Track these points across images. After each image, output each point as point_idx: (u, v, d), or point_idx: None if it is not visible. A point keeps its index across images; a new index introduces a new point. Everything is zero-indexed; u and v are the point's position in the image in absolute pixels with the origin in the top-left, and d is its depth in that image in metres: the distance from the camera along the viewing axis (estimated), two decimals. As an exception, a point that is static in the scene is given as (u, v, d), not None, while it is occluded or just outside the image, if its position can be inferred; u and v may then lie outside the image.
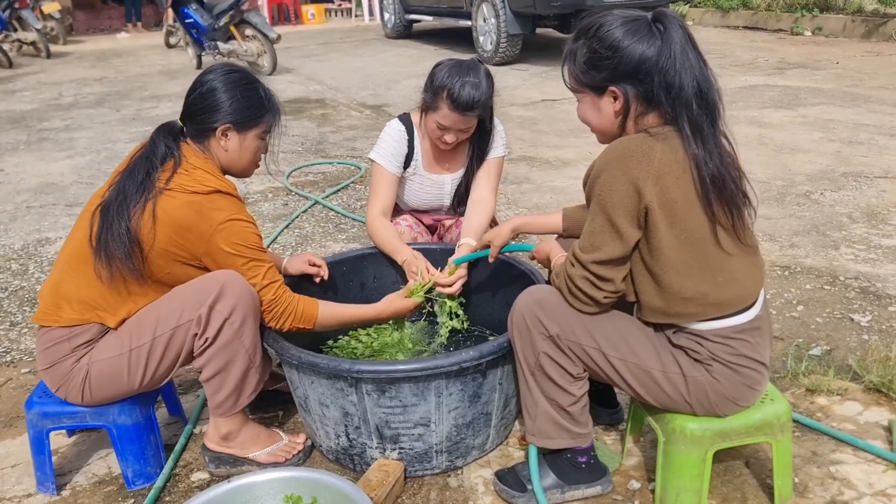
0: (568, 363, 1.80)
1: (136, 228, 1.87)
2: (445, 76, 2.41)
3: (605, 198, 1.63)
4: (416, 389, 1.90)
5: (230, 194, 1.97)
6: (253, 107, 2.02)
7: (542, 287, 1.91)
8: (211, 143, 2.02)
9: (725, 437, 1.79)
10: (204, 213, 1.90)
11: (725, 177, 1.62)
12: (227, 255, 1.94)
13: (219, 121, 1.98)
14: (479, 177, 2.65)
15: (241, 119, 2.00)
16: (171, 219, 1.88)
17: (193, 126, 2.01)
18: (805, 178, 4.47)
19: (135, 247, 1.87)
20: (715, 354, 1.70)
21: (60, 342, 1.92)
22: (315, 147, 5.83)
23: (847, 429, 2.19)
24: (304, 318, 2.07)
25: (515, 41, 8.97)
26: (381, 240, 2.53)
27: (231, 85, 2.00)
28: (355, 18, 17.17)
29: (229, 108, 1.98)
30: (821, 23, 10.55)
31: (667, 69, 1.60)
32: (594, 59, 1.67)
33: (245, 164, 2.09)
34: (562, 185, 4.59)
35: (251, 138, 2.05)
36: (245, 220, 1.97)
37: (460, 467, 2.09)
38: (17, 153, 6.01)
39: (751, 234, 1.72)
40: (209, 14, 9.48)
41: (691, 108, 1.61)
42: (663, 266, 1.65)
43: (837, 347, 2.64)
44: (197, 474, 2.13)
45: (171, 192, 1.89)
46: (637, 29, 1.63)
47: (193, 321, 1.90)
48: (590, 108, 1.75)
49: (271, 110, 2.08)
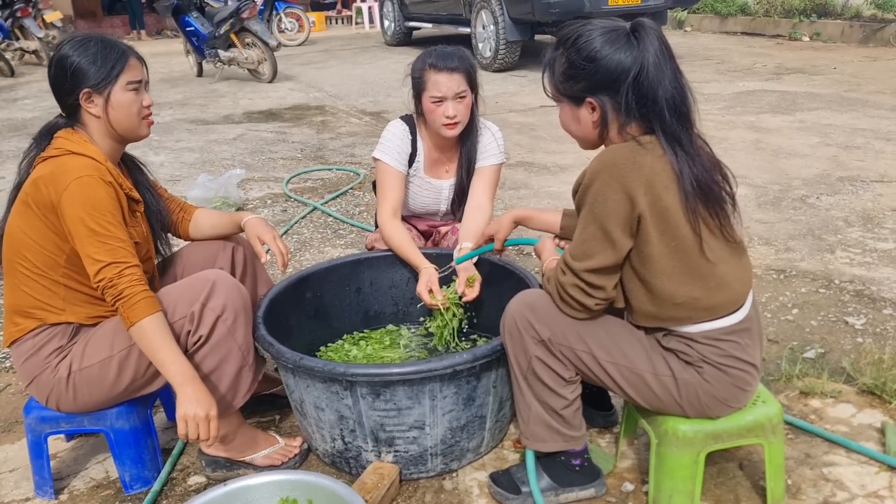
0: (560, 367, 1.82)
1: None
2: (423, 55, 2.55)
3: (597, 206, 1.64)
4: (410, 392, 1.92)
5: (85, 155, 1.86)
6: (102, 61, 1.89)
7: (534, 291, 1.93)
8: (83, 116, 1.93)
9: (717, 438, 1.80)
10: (55, 178, 1.81)
11: (710, 181, 1.64)
12: (72, 219, 1.78)
13: (76, 89, 1.89)
14: (477, 184, 2.66)
15: (95, 77, 1.89)
16: (33, 198, 1.84)
17: (63, 107, 1.95)
18: (801, 183, 4.49)
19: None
20: (705, 356, 1.72)
21: (31, 356, 1.93)
22: (314, 153, 5.85)
23: (840, 431, 2.20)
24: (131, 312, 1.79)
25: (514, 48, 9.01)
26: (395, 245, 2.54)
27: (72, 51, 1.89)
28: (356, 26, 17.23)
29: (80, 72, 1.88)
30: (819, 28, 10.59)
31: (641, 81, 1.61)
32: (572, 69, 1.69)
33: (127, 123, 1.94)
34: (559, 190, 4.61)
35: (117, 93, 1.91)
36: (102, 182, 1.82)
37: (455, 470, 2.11)
38: (18, 161, 6.02)
39: (737, 233, 1.73)
40: (210, 22, 9.52)
41: (665, 120, 1.62)
42: (654, 273, 1.66)
43: (832, 350, 2.65)
44: (194, 478, 2.15)
45: (33, 170, 1.89)
46: (614, 39, 1.64)
47: (186, 318, 1.90)
48: (569, 117, 1.77)
49: (123, 58, 1.93)
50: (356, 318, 2.63)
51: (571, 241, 1.75)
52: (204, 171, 4.50)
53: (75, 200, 1.79)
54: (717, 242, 1.68)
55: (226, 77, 9.91)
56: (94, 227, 1.79)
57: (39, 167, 1.88)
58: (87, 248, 1.80)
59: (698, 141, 1.69)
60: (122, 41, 2.00)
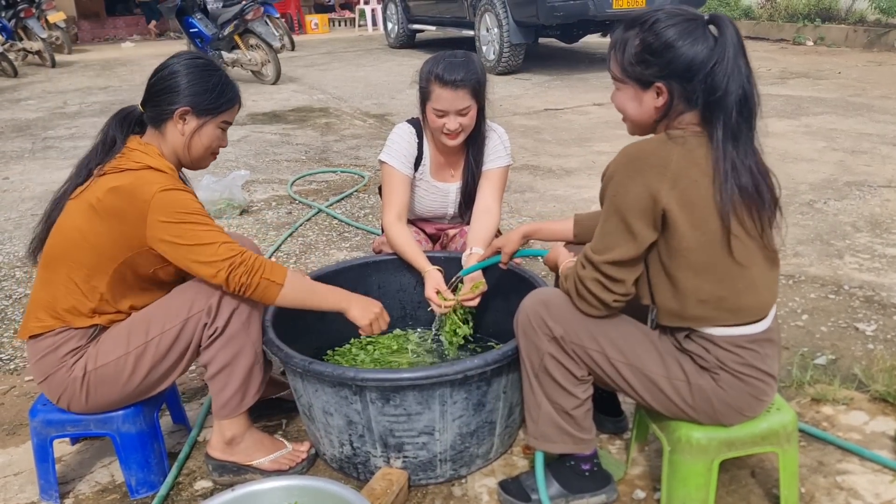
0: (572, 365, 1.80)
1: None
2: (432, 61, 2.49)
3: (618, 198, 1.63)
4: (420, 398, 1.90)
5: (162, 171, 1.90)
6: (214, 93, 1.97)
7: (549, 289, 1.91)
8: (167, 127, 1.95)
9: (731, 446, 1.78)
10: (133, 190, 1.84)
11: (761, 184, 1.62)
12: (169, 225, 1.84)
13: (177, 103, 1.93)
14: (484, 186, 2.65)
15: (201, 104, 1.95)
16: (106, 204, 1.85)
17: (152, 109, 1.97)
18: (808, 188, 4.47)
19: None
20: (723, 363, 1.69)
21: (47, 354, 1.93)
22: (319, 156, 5.84)
23: (853, 438, 2.18)
24: (271, 273, 1.91)
25: (518, 51, 8.99)
26: (400, 248, 2.53)
27: (194, 69, 1.95)
28: (359, 28, 17.23)
29: (189, 91, 1.93)
30: (823, 33, 10.57)
31: (716, 73, 1.58)
32: (646, 53, 1.64)
33: (201, 153, 2.01)
34: (565, 193, 4.59)
35: (210, 126, 1.99)
36: (181, 189, 1.89)
37: (464, 476, 2.09)
38: (22, 161, 6.03)
39: (775, 242, 1.71)
40: (213, 24, 9.52)
41: (730, 115, 1.59)
42: (680, 267, 1.64)
43: (843, 356, 2.63)
44: (200, 483, 2.13)
45: (104, 176, 1.87)
46: (693, 29, 1.61)
47: (204, 311, 1.91)
48: (630, 99, 1.72)
49: (233, 101, 2.02)
50: (364, 321, 2.61)
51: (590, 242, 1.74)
52: (208, 173, 4.48)
53: (167, 207, 1.83)
54: (753, 245, 1.65)
55: (229, 78, 9.89)
56: (196, 220, 1.86)
57: (115, 176, 1.87)
58: (198, 237, 1.84)
59: (755, 144, 1.66)
60: (237, 84, 2.07)
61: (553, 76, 8.95)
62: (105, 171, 1.88)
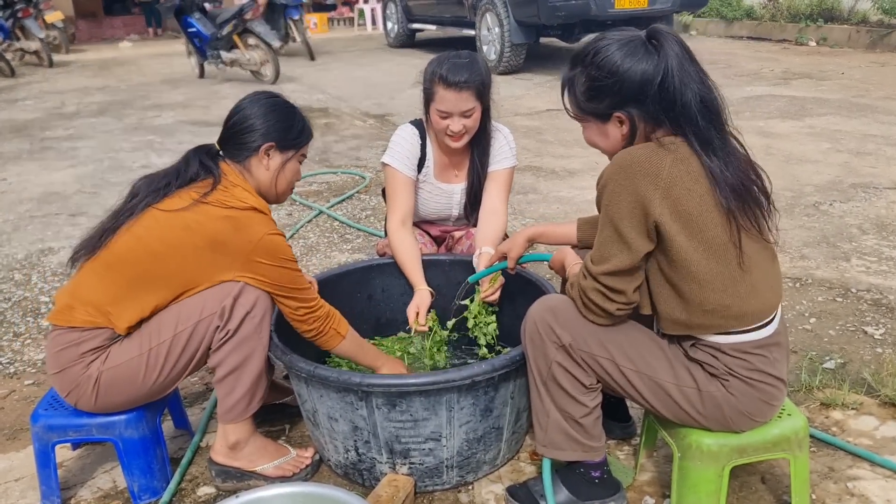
0: (580, 373, 1.77)
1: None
2: (436, 62, 2.46)
3: (611, 208, 1.62)
4: (427, 403, 1.87)
5: (265, 213, 1.98)
6: (295, 128, 2.06)
7: (556, 296, 1.89)
8: (252, 163, 2.02)
9: (742, 452, 1.76)
10: (241, 228, 1.90)
11: (746, 182, 1.61)
12: (272, 268, 1.95)
13: (262, 139, 2.00)
14: (490, 188, 2.63)
15: (285, 139, 2.03)
16: (206, 231, 1.89)
17: (234, 147, 2.03)
18: (814, 189, 4.45)
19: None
20: (731, 369, 1.67)
21: (69, 347, 1.91)
22: (319, 157, 5.81)
23: (864, 444, 2.15)
24: (338, 325, 2.09)
25: (519, 50, 8.97)
26: (399, 257, 2.51)
27: (273, 107, 2.04)
28: (358, 28, 17.22)
29: (273, 127, 2.02)
30: (825, 33, 10.56)
31: (666, 86, 1.58)
32: (595, 86, 1.66)
33: (284, 186, 2.09)
34: (568, 195, 4.57)
35: (293, 160, 2.08)
36: (281, 236, 1.99)
37: (471, 482, 2.06)
38: (19, 162, 6.00)
39: (772, 235, 1.69)
40: (212, 23, 9.49)
41: (696, 123, 1.59)
42: (684, 277, 1.62)
43: (851, 360, 2.60)
44: (203, 489, 2.10)
45: (207, 205, 1.90)
46: (634, 49, 1.61)
47: (216, 314, 1.90)
48: (596, 134, 1.75)
49: (310, 135, 2.13)
50: (368, 325, 2.59)
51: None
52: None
53: (272, 252, 1.94)
54: (753, 246, 1.64)
55: (228, 78, 9.88)
56: (292, 266, 1.99)
57: (223, 210, 1.90)
58: (294, 282, 1.99)
59: (732, 141, 1.65)
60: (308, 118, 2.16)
61: (555, 76, 8.91)
62: (209, 202, 1.91)
